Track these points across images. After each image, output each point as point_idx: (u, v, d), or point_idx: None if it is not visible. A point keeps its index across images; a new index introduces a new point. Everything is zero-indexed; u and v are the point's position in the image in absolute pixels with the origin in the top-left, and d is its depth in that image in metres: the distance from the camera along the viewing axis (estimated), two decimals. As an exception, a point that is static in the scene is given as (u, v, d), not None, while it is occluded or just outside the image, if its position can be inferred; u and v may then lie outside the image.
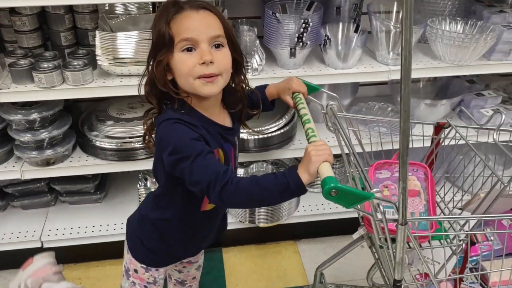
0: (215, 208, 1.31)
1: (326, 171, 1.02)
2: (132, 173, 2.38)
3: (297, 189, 1.04)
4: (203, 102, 1.18)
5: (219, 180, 1.04)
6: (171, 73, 1.15)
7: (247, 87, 1.30)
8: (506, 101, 2.23)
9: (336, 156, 1.97)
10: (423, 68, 1.90)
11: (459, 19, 1.95)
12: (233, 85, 1.26)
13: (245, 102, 1.28)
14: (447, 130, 1.45)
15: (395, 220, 1.06)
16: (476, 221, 1.16)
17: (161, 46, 1.12)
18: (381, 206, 1.05)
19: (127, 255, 1.40)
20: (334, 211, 2.19)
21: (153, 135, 1.25)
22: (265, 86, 1.42)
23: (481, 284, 1.35)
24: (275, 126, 1.93)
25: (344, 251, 1.74)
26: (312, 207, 2.23)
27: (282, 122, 1.96)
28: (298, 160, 2.18)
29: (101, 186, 2.22)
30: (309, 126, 1.19)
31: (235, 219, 2.12)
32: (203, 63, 1.11)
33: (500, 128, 1.30)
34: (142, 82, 1.20)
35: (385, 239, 1.11)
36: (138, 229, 1.38)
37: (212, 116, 1.21)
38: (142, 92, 1.20)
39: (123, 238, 2.06)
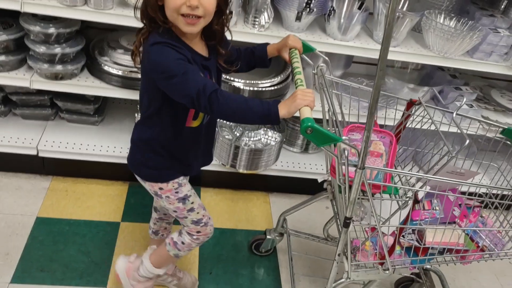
0: (199, 126, 1.49)
1: (307, 112, 1.20)
2: (129, 105, 2.56)
3: (274, 118, 1.24)
4: (185, 33, 1.34)
5: (207, 88, 1.23)
6: (163, 1, 1.30)
7: (226, 28, 1.45)
8: (480, 99, 2.44)
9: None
10: (413, 54, 2.08)
11: (453, 15, 2.12)
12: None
13: (220, 38, 1.44)
14: (417, 107, 1.65)
15: (355, 166, 1.25)
16: (425, 181, 1.36)
17: None
18: (346, 151, 1.24)
19: (145, 184, 1.58)
20: (308, 171, 2.40)
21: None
22: (266, 44, 1.58)
23: (417, 240, 1.57)
24: (269, 82, 2.11)
25: (308, 202, 1.96)
26: (289, 164, 2.43)
27: (276, 80, 2.13)
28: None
29: (100, 111, 2.38)
30: (299, 77, 1.37)
31: (218, 162, 2.31)
32: (189, 6, 1.26)
33: (459, 112, 1.49)
34: (138, 4, 1.35)
35: (344, 182, 1.31)
36: (138, 157, 1.55)
37: (192, 44, 1.37)
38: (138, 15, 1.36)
39: (113, 161, 2.27)
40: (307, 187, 2.47)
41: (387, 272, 1.55)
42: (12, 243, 2.00)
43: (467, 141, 1.34)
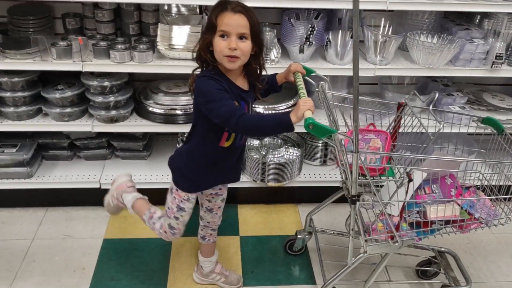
0: (231, 147, 1.87)
1: (308, 114, 1.59)
2: (170, 140, 3.01)
3: (287, 125, 1.61)
4: (228, 70, 1.77)
5: (237, 112, 1.63)
6: (212, 47, 1.74)
7: (263, 68, 1.86)
8: (473, 102, 2.77)
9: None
10: (402, 69, 2.47)
11: (433, 33, 2.51)
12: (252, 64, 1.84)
13: (258, 76, 1.85)
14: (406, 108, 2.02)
15: (351, 151, 1.62)
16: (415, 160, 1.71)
17: (209, 29, 1.71)
18: (342, 141, 1.61)
19: (172, 182, 1.99)
20: (328, 179, 2.75)
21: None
22: (275, 74, 2.00)
23: (420, 218, 1.88)
24: (284, 105, 2.53)
25: (329, 200, 2.31)
26: (311, 175, 2.80)
27: (291, 103, 2.55)
28: (299, 134, 2.77)
29: (148, 147, 2.84)
30: (302, 91, 1.77)
31: (250, 179, 2.70)
32: (230, 48, 1.69)
33: (434, 108, 1.86)
34: (195, 49, 1.79)
35: (345, 165, 1.67)
36: (177, 161, 1.96)
37: (234, 79, 1.79)
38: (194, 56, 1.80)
39: (161, 186, 2.68)
40: (330, 194, 2.81)
41: (396, 244, 1.87)
42: (86, 260, 2.42)
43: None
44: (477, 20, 2.61)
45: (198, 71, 1.80)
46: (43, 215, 2.72)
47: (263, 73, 1.86)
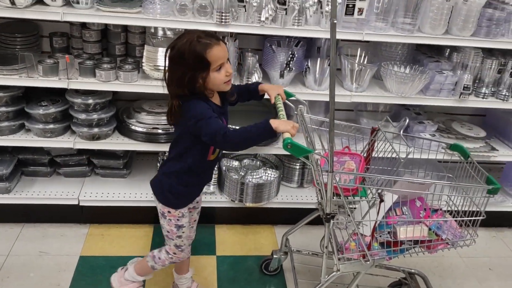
0: (215, 159, 1.96)
1: (287, 135, 1.67)
2: (151, 159, 3.05)
3: (270, 132, 1.68)
4: (211, 92, 1.85)
5: (222, 130, 1.71)
6: (202, 81, 1.79)
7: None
8: (443, 131, 2.91)
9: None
10: (376, 96, 2.60)
11: (406, 64, 2.66)
12: None
13: (231, 91, 1.94)
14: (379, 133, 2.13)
15: (327, 171, 1.71)
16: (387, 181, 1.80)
17: (200, 67, 1.75)
18: (318, 161, 1.70)
19: (159, 205, 2.02)
20: (305, 201, 2.83)
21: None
22: (259, 82, 2.10)
23: (391, 237, 1.97)
24: (264, 128, 2.61)
25: (304, 220, 2.38)
26: (288, 197, 2.87)
27: (270, 126, 2.64)
28: (278, 156, 2.86)
29: (128, 165, 2.87)
30: (282, 112, 1.86)
31: (228, 198, 2.76)
32: (227, 75, 1.80)
33: (404, 133, 1.97)
34: (164, 84, 1.85)
35: (320, 184, 1.75)
36: (164, 183, 1.99)
37: (213, 99, 1.88)
38: (166, 91, 1.85)
39: (140, 205, 2.71)
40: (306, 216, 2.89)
41: (368, 262, 1.95)
42: (61, 277, 2.42)
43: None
44: (446, 53, 2.78)
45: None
46: (19, 231, 2.70)
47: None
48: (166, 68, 1.81)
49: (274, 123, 1.67)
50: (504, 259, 2.90)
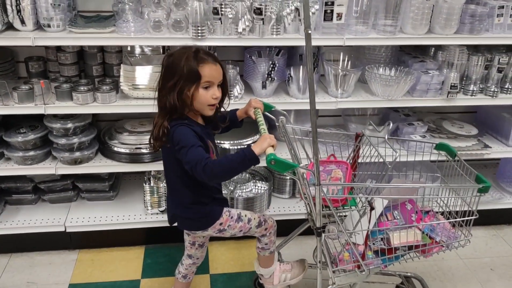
0: None
1: (270, 150, 1.61)
2: (138, 178, 2.98)
3: (252, 158, 1.62)
4: (195, 113, 1.81)
5: (202, 161, 1.63)
6: (188, 96, 1.75)
7: (221, 108, 1.93)
8: (433, 131, 2.85)
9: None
10: (362, 101, 2.54)
11: (390, 65, 2.61)
12: None
13: (215, 115, 1.90)
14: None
15: (314, 184, 1.64)
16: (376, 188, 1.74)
17: (190, 79, 1.72)
18: (304, 174, 1.64)
19: (207, 232, 1.96)
20: (298, 212, 2.76)
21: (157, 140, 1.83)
22: (235, 110, 2.04)
23: (385, 245, 1.90)
24: (250, 140, 2.55)
25: (296, 233, 2.31)
26: (280, 209, 2.80)
27: (256, 137, 2.58)
28: (267, 168, 2.79)
29: (114, 187, 2.80)
30: (263, 127, 1.80)
31: (218, 215, 2.68)
32: (214, 98, 1.77)
33: (393, 136, 1.91)
34: (155, 96, 1.82)
35: (308, 198, 1.69)
36: (192, 216, 1.93)
37: (196, 119, 1.84)
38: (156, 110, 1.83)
39: (129, 227, 2.63)
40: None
41: (363, 273, 1.88)
42: (50, 308, 2.34)
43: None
44: (431, 52, 2.73)
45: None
46: (6, 262, 2.62)
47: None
48: (161, 75, 1.80)
49: (255, 148, 1.62)
50: (506, 259, 2.84)
